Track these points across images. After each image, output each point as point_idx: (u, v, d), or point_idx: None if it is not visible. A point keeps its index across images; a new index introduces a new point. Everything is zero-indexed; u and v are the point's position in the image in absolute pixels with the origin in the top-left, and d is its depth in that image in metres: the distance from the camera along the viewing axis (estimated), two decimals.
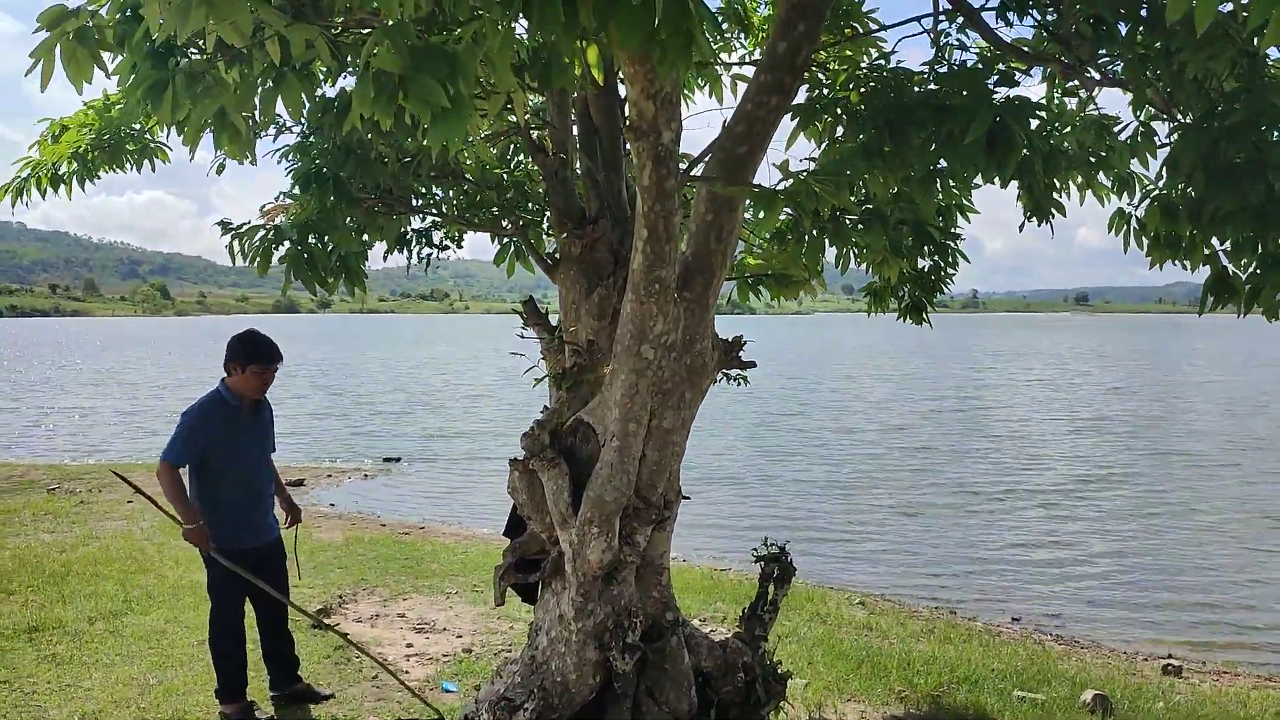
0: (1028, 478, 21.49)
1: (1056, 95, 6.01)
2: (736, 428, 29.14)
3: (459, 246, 5.94)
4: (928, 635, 10.23)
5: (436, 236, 5.87)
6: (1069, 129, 6.02)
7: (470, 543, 14.39)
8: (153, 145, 6.08)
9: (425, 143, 2.90)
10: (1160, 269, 5.35)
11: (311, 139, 5.03)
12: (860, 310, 6.87)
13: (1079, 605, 12.64)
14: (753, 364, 4.87)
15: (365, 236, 5.79)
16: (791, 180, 3.75)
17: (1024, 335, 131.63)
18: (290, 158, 5.36)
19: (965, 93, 3.85)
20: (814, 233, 4.61)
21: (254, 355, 6.18)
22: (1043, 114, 4.16)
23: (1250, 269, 4.17)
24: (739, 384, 5.21)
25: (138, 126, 5.90)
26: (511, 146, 6.62)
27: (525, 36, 4.07)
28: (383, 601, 10.12)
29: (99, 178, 5.94)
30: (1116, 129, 5.63)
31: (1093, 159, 5.74)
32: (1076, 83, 5.46)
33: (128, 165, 5.97)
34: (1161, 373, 56.29)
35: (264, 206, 5.29)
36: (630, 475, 4.52)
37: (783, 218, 5.55)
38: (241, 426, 6.34)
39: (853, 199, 4.81)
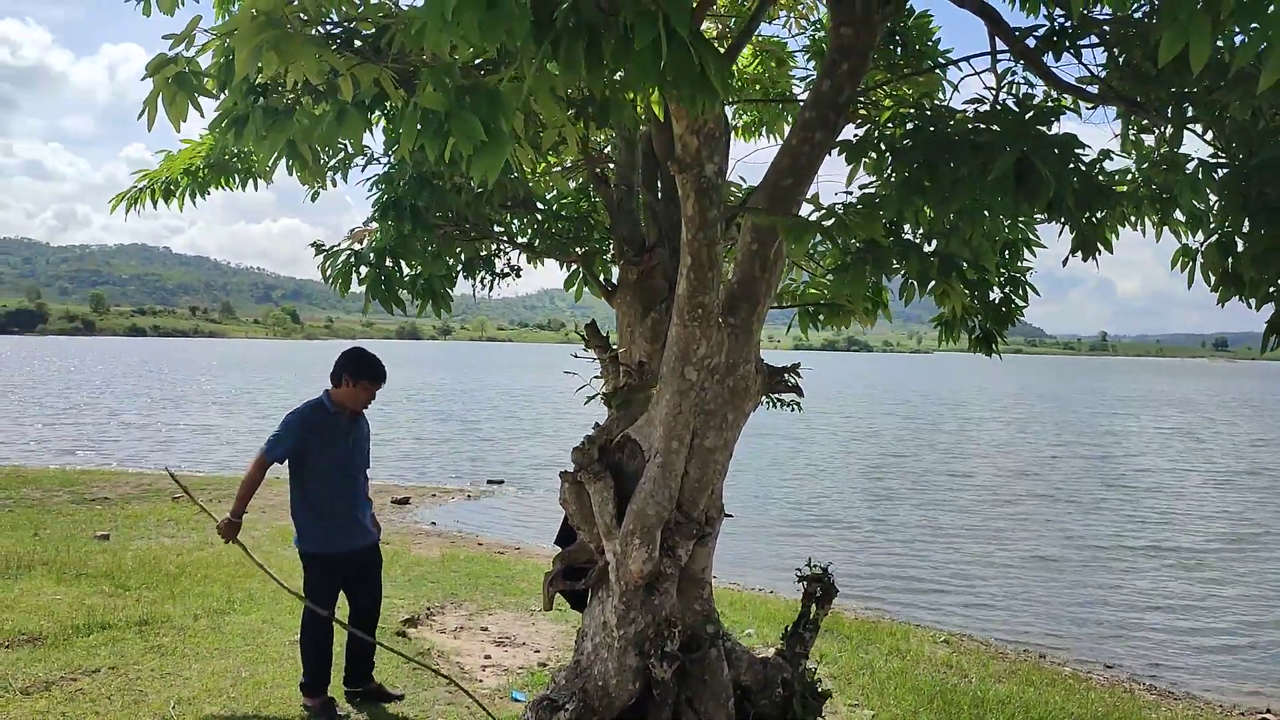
0: (1147, 530, 20.60)
1: (1132, 133, 6.04)
2: (854, 468, 28.85)
3: (518, 276, 6.25)
4: (1010, 677, 10.07)
5: (499, 264, 6.21)
6: (1145, 165, 6.04)
7: None
8: (255, 168, 6.61)
9: (468, 173, 3.20)
10: (1223, 306, 5.33)
11: (396, 169, 5.42)
12: (984, 352, 6.91)
13: (1181, 657, 12.20)
14: (798, 390, 5.03)
15: (449, 260, 6.18)
16: (824, 211, 3.94)
17: (1159, 380, 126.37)
18: (378, 186, 5.77)
19: (998, 130, 3.98)
20: (854, 262, 4.75)
21: (365, 373, 6.57)
22: (1083, 150, 4.24)
23: None
24: (793, 410, 5.37)
25: (248, 149, 6.44)
26: (584, 180, 6.96)
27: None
28: (468, 615, 10.48)
29: (209, 193, 6.48)
30: (1188, 166, 5.63)
31: (1166, 196, 5.75)
32: (1147, 121, 5.51)
33: (234, 183, 6.50)
34: None
35: (351, 230, 5.71)
36: (672, 491, 4.73)
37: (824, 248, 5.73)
38: (340, 432, 6.67)
39: (905, 229, 4.96)
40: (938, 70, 5.46)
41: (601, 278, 5.90)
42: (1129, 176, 6.13)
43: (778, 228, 4.36)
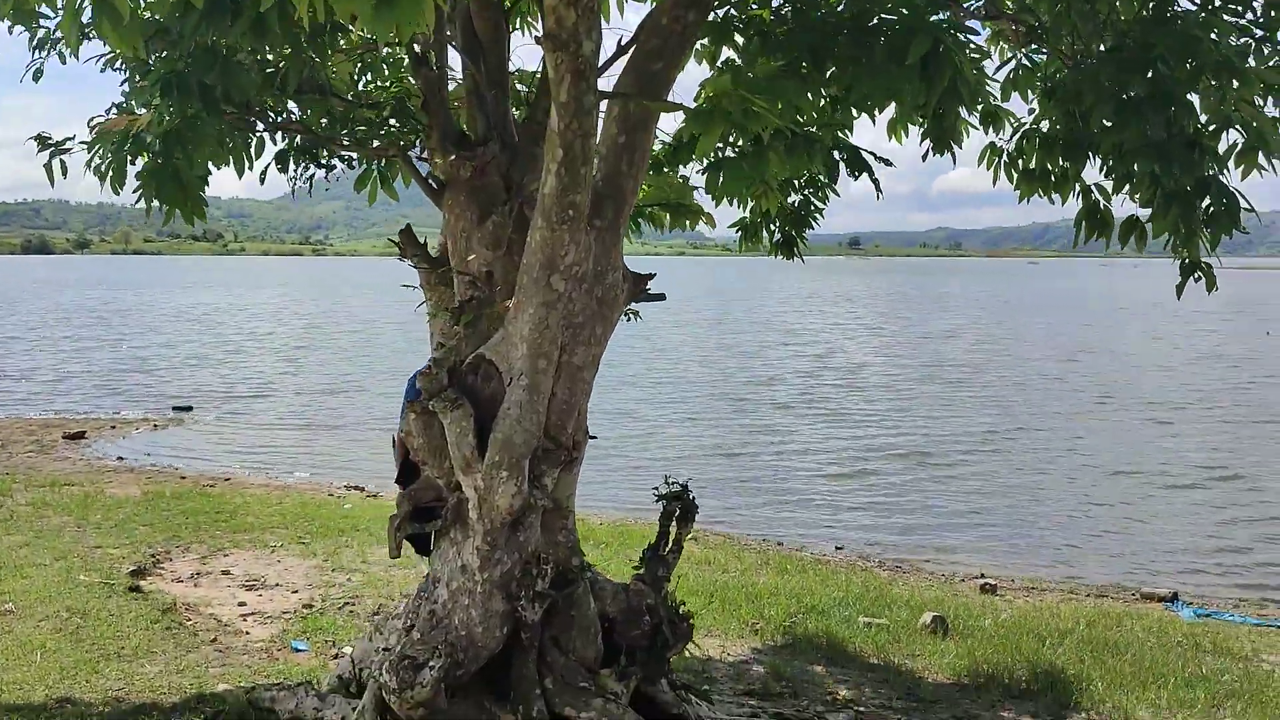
0: (872, 424, 21.95)
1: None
2: None
3: (350, 166, 5.39)
4: (764, 567, 10.44)
5: (322, 156, 5.30)
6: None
7: (285, 493, 13.67)
8: None
9: (371, 34, 2.51)
10: (1026, 201, 5.51)
11: (153, 59, 4.35)
12: (650, 253, 6.76)
13: (893, 533, 13.23)
14: (662, 296, 4.65)
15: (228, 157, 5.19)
16: (724, 98, 3.54)
17: (819, 278, 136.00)
18: (118, 66, 4.74)
19: (900, 13, 3.73)
20: (735, 155, 4.41)
21: None
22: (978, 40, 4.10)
23: (1150, 202, 4.26)
24: (628, 319, 4.99)
25: None
26: (358, 66, 6.07)
27: None
28: (201, 559, 9.42)
29: None
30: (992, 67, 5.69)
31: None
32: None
33: None
34: (976, 314, 59.03)
35: (93, 120, 4.63)
36: (540, 415, 4.24)
37: (666, 143, 5.37)
38: None
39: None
40: None
41: (401, 176, 5.15)
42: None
43: (652, 118, 3.92)
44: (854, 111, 4.02)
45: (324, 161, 5.33)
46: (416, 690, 4.04)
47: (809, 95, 3.88)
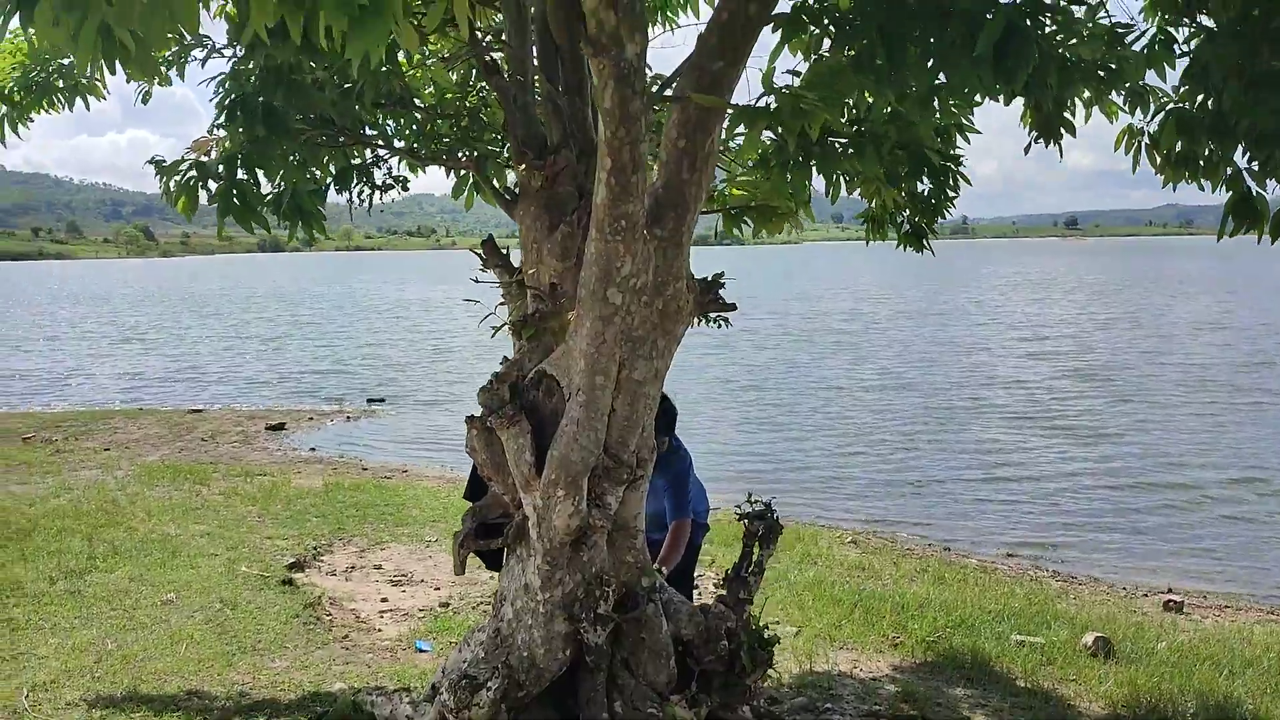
0: (1024, 409, 20.96)
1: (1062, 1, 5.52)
2: (726, 365, 28.55)
3: (404, 188, 5.45)
4: (921, 575, 9.94)
5: (379, 175, 5.38)
6: (1074, 40, 5.55)
7: (455, 486, 14.07)
8: (85, 82, 5.60)
9: (346, 56, 2.44)
10: (1174, 188, 4.93)
11: (241, 63, 4.51)
12: (851, 239, 6.41)
13: (1076, 539, 12.33)
14: (733, 306, 4.43)
15: (316, 171, 5.33)
16: (775, 95, 3.29)
17: (1050, 259, 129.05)
18: (221, 86, 4.87)
19: None
20: (799, 158, 4.15)
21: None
22: (1058, 17, 3.68)
23: None
24: (719, 325, 4.76)
25: (66, 61, 5.45)
26: (474, 72, 6.10)
27: None
28: (359, 552, 9.79)
29: (32, 120, 5.58)
30: (1130, 38, 5.15)
31: (1102, 72, 5.27)
32: None
33: (60, 104, 5.56)
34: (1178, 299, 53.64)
35: (195, 141, 4.81)
36: (599, 432, 4.11)
37: (766, 141, 5.10)
38: None
39: (843, 120, 4.35)
40: None
41: (497, 184, 5.13)
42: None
43: (715, 120, 3.70)
44: (925, 108, 3.65)
45: (380, 182, 5.35)
46: (473, 711, 3.99)
47: (874, 93, 3.54)
